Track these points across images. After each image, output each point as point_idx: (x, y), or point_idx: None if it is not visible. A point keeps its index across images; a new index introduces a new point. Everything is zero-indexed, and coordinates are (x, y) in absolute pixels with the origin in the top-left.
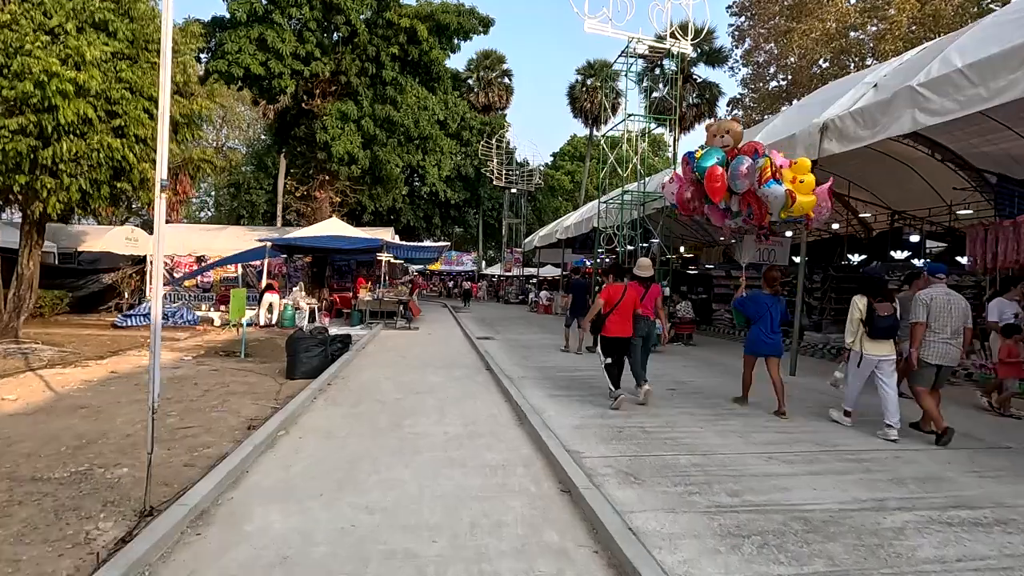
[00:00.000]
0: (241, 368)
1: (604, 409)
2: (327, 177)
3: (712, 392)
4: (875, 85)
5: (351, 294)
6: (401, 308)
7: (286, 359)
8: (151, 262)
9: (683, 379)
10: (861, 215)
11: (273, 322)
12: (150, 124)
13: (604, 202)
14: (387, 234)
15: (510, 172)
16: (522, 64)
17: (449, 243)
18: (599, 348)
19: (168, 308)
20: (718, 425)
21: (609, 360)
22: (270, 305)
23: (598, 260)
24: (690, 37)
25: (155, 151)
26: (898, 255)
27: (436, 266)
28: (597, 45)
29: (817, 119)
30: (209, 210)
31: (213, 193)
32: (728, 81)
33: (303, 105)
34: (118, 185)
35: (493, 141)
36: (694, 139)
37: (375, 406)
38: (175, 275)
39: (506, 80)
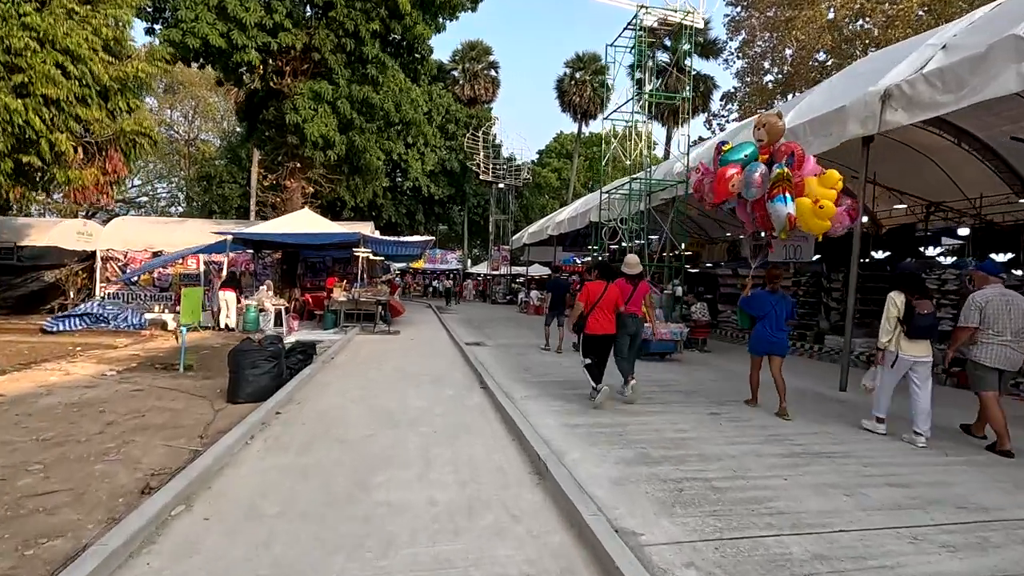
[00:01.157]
0: (174, 387)
1: (644, 448)
2: (299, 164)
3: (766, 418)
4: (944, 46)
5: (325, 294)
6: (380, 310)
7: (228, 376)
8: (102, 257)
9: (720, 397)
10: (893, 207)
11: (232, 326)
12: (65, 84)
13: (607, 192)
14: (366, 228)
15: (497, 167)
16: (509, 60)
17: (434, 238)
18: (580, 347)
19: (109, 310)
20: (803, 473)
21: (589, 360)
22: (225, 306)
23: (598, 257)
24: (702, 10)
25: (71, 117)
26: (931, 251)
27: (419, 264)
28: (586, 39)
29: (874, 87)
30: (179, 205)
31: (184, 187)
32: (723, 74)
33: (272, 84)
34: (23, 159)
35: (480, 134)
36: (693, 130)
37: (333, 450)
38: (126, 271)
39: (492, 72)
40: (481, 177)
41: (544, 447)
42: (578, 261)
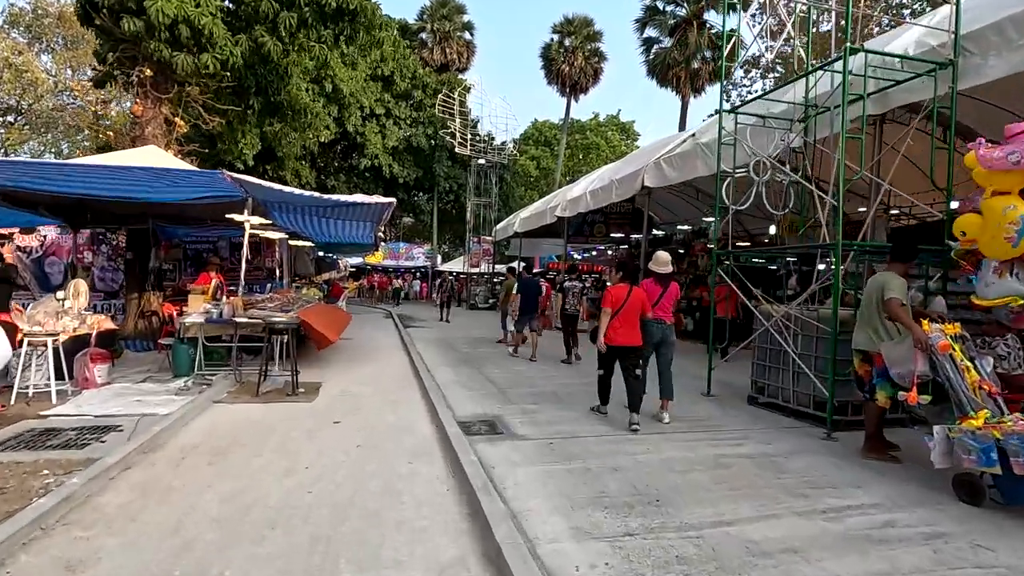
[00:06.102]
0: None
1: None
2: (149, 74)
3: None
4: None
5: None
6: (284, 339)
7: None
8: None
9: None
10: None
11: None
12: None
13: (739, 109)
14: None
15: (476, 140)
16: (487, 40)
17: (394, 200)
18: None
19: None
20: None
21: (603, 371)
22: None
23: (709, 239)
24: None
25: None
26: None
27: (377, 258)
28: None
29: None
30: None
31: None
32: (749, 33)
33: None
34: None
35: (455, 95)
36: (707, 102)
37: None
38: None
39: (467, 35)
40: (457, 151)
41: None
42: (576, 257)
